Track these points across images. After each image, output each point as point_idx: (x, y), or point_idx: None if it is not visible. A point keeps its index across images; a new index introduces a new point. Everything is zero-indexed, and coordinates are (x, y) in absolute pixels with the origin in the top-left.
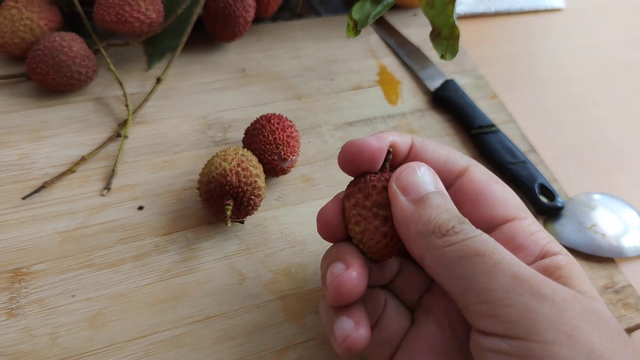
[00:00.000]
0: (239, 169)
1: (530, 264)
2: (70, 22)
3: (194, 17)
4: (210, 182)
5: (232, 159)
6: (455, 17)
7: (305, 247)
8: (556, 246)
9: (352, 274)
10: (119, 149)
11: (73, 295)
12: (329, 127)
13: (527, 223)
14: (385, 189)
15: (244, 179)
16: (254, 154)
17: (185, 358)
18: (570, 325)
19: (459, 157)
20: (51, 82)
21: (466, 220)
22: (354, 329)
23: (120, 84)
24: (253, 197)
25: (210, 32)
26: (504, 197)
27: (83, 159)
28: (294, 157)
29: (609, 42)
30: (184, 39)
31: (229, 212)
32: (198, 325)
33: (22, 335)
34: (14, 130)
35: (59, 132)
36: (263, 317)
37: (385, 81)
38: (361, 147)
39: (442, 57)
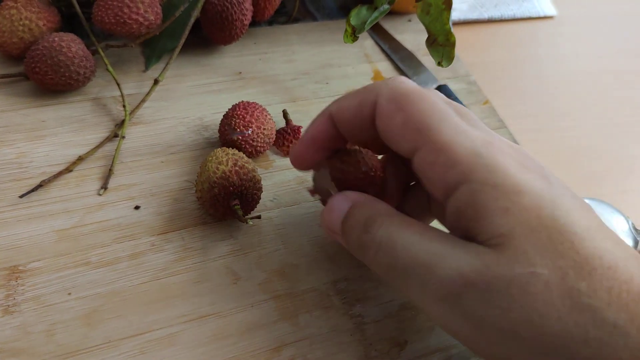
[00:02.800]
0: (237, 168)
1: (445, 201)
2: (69, 22)
3: (192, 20)
4: (213, 187)
5: (227, 160)
6: (450, 24)
7: (299, 248)
8: (457, 172)
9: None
10: (116, 149)
11: (69, 293)
12: None
13: (424, 154)
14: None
15: (244, 176)
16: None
17: (179, 356)
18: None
19: (368, 93)
20: (49, 82)
21: (372, 221)
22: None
23: (118, 84)
24: (255, 191)
25: (207, 35)
26: (402, 125)
27: (80, 159)
28: (246, 132)
29: (600, 50)
30: (182, 41)
31: (240, 212)
32: (192, 324)
33: (18, 332)
34: (12, 129)
35: (56, 132)
36: (257, 316)
37: None
38: (296, 161)
39: (439, 64)
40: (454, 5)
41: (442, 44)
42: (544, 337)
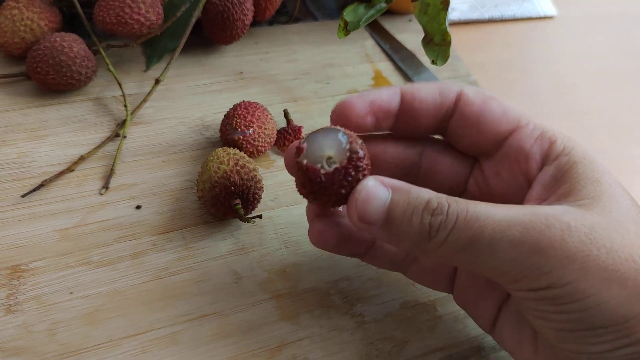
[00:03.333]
0: (238, 168)
1: (538, 170)
2: (70, 23)
3: (193, 20)
4: (214, 187)
5: (228, 160)
6: (447, 23)
7: (300, 247)
8: (558, 146)
9: None
10: (117, 149)
11: (71, 292)
12: None
13: (529, 129)
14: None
15: (245, 176)
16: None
17: (180, 355)
18: (576, 257)
19: (450, 85)
20: (51, 82)
21: (436, 203)
22: None
23: (119, 84)
24: (257, 190)
25: (208, 35)
26: (501, 110)
27: (82, 158)
28: (247, 132)
29: (600, 50)
30: (183, 41)
31: (242, 212)
32: (194, 323)
33: (20, 331)
34: (13, 129)
35: (58, 131)
36: (258, 315)
37: (380, 85)
38: (346, 109)
39: (434, 62)
40: (454, 6)
41: (438, 44)
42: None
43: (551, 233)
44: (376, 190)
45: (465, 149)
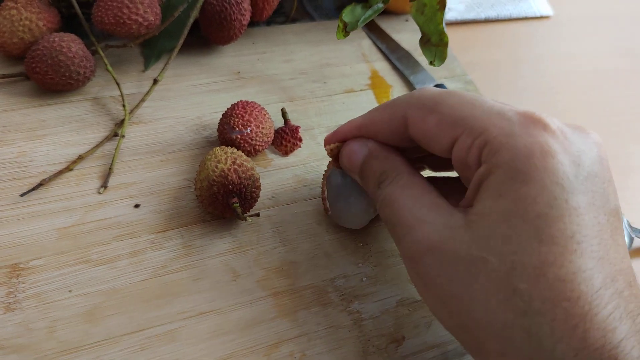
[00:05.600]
0: (236, 167)
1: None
2: (69, 23)
3: (191, 20)
4: (212, 185)
5: (226, 159)
6: (444, 24)
7: (297, 245)
8: (485, 153)
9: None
10: (116, 148)
11: (70, 291)
12: (322, 129)
13: (463, 139)
14: None
15: (243, 175)
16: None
17: (179, 352)
18: (420, 276)
19: (396, 108)
20: (50, 82)
21: (384, 177)
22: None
23: (118, 84)
24: (254, 189)
25: (206, 35)
26: (437, 124)
27: (80, 158)
28: (245, 131)
29: (596, 50)
30: (181, 41)
31: (239, 210)
32: (192, 320)
33: (20, 329)
34: (12, 129)
35: (56, 131)
36: (256, 313)
37: (376, 85)
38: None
39: (431, 63)
40: (451, 6)
41: (435, 44)
42: (466, 315)
43: (416, 246)
44: (358, 146)
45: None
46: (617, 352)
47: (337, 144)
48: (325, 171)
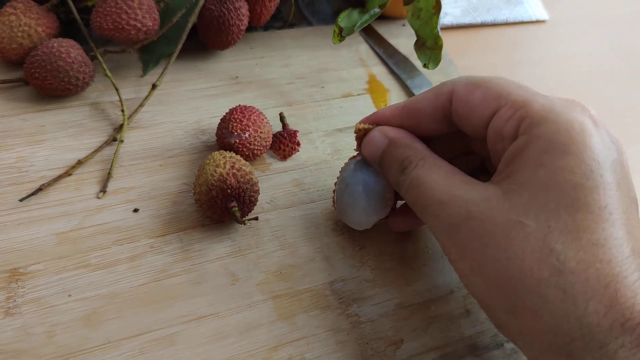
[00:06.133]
0: (235, 171)
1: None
2: (68, 28)
3: (189, 26)
4: (211, 189)
5: (225, 163)
6: (439, 28)
7: (296, 249)
8: (525, 123)
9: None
10: (115, 153)
11: (69, 295)
12: (320, 133)
13: (504, 110)
14: None
15: (242, 179)
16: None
17: (179, 356)
18: (458, 244)
19: (444, 86)
20: (49, 87)
21: (408, 162)
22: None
23: (117, 89)
24: (253, 193)
25: (204, 41)
26: (481, 96)
27: (79, 163)
28: (243, 135)
29: (591, 52)
30: (179, 46)
31: (238, 214)
32: (192, 324)
33: (19, 334)
34: (11, 134)
35: (55, 136)
36: (255, 316)
37: (374, 89)
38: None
39: (425, 66)
40: (447, 10)
41: (430, 48)
42: (501, 275)
43: (454, 218)
44: (378, 137)
45: (472, 136)
46: None
47: (367, 125)
48: (344, 164)
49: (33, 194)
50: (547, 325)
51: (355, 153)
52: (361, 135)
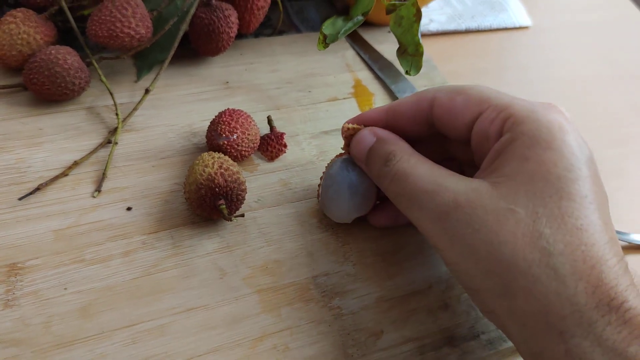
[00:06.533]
0: (222, 170)
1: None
2: (65, 36)
3: (181, 33)
4: (200, 188)
5: (213, 163)
6: (419, 35)
7: (281, 245)
8: (509, 123)
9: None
10: (109, 154)
11: (65, 288)
12: (306, 135)
13: (488, 112)
14: None
15: (229, 178)
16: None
17: (168, 346)
18: (448, 233)
19: (425, 93)
20: (46, 92)
21: (392, 156)
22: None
23: (111, 94)
24: (240, 192)
25: (195, 48)
26: (464, 102)
27: (76, 164)
28: (231, 137)
29: (573, 58)
30: (171, 53)
31: (226, 211)
32: (181, 315)
33: (18, 324)
34: (11, 137)
35: (53, 139)
36: (241, 308)
37: (359, 93)
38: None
39: (407, 72)
40: (433, 17)
41: (411, 54)
42: (493, 258)
43: (442, 207)
44: (366, 135)
45: (455, 139)
46: (627, 294)
47: (355, 125)
48: (330, 161)
49: (31, 193)
50: (540, 304)
51: (341, 152)
52: (350, 134)
